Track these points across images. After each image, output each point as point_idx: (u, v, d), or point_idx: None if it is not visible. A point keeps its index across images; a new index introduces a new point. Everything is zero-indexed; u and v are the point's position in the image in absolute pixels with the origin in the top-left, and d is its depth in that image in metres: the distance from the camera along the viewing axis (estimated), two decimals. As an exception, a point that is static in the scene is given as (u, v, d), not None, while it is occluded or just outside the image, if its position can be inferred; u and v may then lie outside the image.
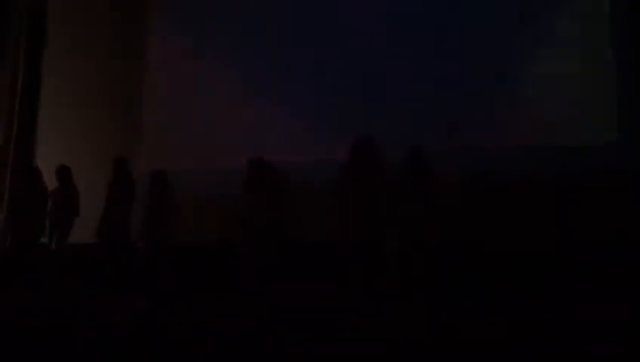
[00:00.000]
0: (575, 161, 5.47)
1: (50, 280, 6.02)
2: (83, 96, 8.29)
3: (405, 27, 6.57)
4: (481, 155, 5.80)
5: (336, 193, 5.14)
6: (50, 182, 6.55)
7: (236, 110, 7.25)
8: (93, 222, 6.10)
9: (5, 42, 8.73)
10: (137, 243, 6.02)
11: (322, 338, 3.16)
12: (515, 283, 4.95)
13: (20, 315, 4.82)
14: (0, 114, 8.61)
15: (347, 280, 4.93)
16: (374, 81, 6.57)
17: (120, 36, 8.36)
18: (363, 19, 6.80)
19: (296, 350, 2.83)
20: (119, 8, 8.44)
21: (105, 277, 5.83)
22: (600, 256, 4.92)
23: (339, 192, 5.10)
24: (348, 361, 2.64)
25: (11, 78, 8.57)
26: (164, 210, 5.97)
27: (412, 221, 4.91)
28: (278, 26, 7.29)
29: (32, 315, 4.71)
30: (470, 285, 4.85)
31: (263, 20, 7.38)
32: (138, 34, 8.36)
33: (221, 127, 7.31)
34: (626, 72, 5.42)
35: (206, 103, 7.54)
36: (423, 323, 3.76)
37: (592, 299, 4.39)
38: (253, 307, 4.74)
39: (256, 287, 5.16)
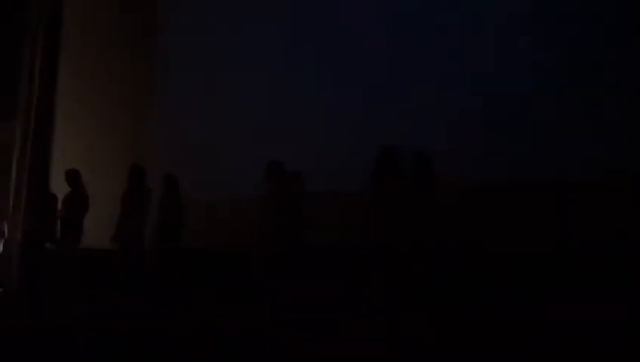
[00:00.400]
0: (576, 161, 5.46)
1: (59, 282, 6.04)
2: (98, 96, 8.33)
3: (406, 27, 6.57)
4: (481, 155, 5.79)
5: (360, 196, 5.16)
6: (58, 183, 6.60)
7: (246, 112, 7.24)
8: (106, 224, 6.11)
9: (22, 42, 8.82)
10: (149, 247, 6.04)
11: (322, 338, 3.16)
12: (515, 283, 4.95)
13: (27, 315, 4.84)
14: (16, 113, 8.70)
15: (368, 281, 4.96)
16: (375, 81, 6.56)
17: (134, 36, 8.37)
18: (364, 20, 6.79)
19: (296, 350, 2.83)
20: (133, 9, 8.46)
21: (115, 280, 5.85)
22: (600, 256, 4.91)
23: (369, 195, 5.10)
24: (348, 361, 2.64)
25: (29, 77, 8.65)
26: (176, 212, 5.97)
27: (412, 221, 4.91)
28: (286, 27, 7.28)
29: (38, 315, 4.73)
30: (470, 285, 4.84)
31: (271, 21, 7.37)
32: (151, 34, 8.36)
33: (231, 130, 7.30)
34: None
35: (217, 104, 7.52)
36: (424, 323, 3.77)
37: (592, 299, 4.39)
38: (258, 308, 4.75)
39: (265, 289, 5.17)
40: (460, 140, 5.88)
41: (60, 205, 6.46)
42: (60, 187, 6.59)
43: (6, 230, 8.11)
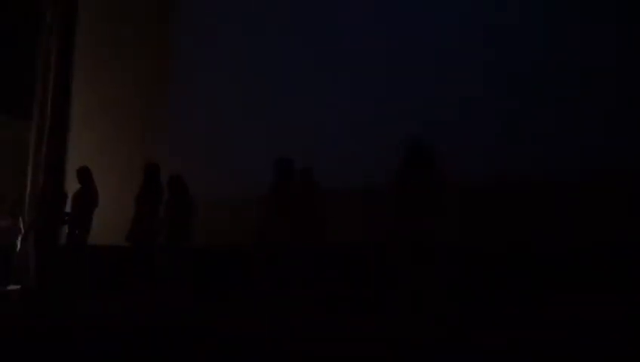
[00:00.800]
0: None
1: (67, 279, 6.07)
2: (111, 96, 8.37)
3: (408, 27, 6.57)
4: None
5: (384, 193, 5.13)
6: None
7: (249, 112, 7.27)
8: (119, 221, 6.14)
9: (37, 42, 8.89)
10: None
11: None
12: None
13: (38, 312, 4.86)
14: (32, 112, 8.76)
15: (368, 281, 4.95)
16: (376, 81, 6.57)
17: (148, 36, 8.40)
18: (366, 21, 6.80)
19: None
20: (146, 10, 8.49)
21: (124, 278, 5.88)
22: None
23: (395, 193, 5.05)
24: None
25: (43, 77, 8.72)
26: (181, 213, 5.98)
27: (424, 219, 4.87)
28: (289, 29, 7.29)
29: (47, 312, 4.76)
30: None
31: (277, 23, 7.39)
32: (165, 34, 8.40)
33: (234, 130, 7.32)
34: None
35: (228, 106, 7.54)
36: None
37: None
38: (258, 308, 4.75)
39: (265, 289, 5.18)
40: (461, 140, 5.88)
41: (69, 202, 6.51)
42: (73, 185, 6.64)
43: (22, 227, 8.20)
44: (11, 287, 7.82)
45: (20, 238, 8.21)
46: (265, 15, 7.50)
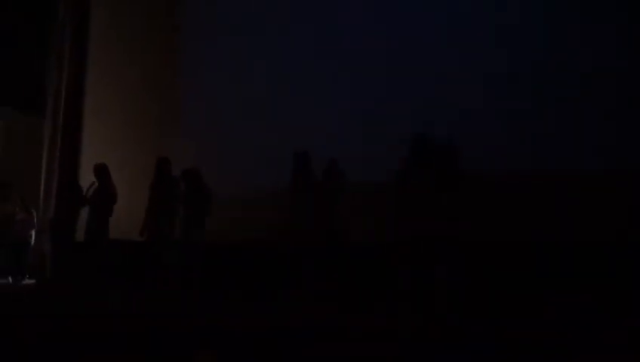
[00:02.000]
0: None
1: (85, 274, 6.07)
2: (125, 91, 8.37)
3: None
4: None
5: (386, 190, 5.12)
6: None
7: (257, 112, 7.27)
8: (131, 216, 6.14)
9: (51, 39, 8.92)
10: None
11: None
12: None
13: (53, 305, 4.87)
14: (46, 108, 8.78)
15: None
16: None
17: (157, 30, 8.39)
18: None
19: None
20: (156, 3, 8.49)
21: (138, 273, 5.88)
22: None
23: (396, 193, 5.04)
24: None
25: (57, 73, 8.73)
26: (198, 207, 5.98)
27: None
28: (298, 30, 7.29)
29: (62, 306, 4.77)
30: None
31: (291, 25, 7.38)
32: (174, 28, 8.39)
33: (241, 129, 7.32)
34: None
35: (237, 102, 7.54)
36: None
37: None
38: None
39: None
40: (461, 140, 5.87)
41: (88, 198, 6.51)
42: (87, 180, 6.65)
43: (36, 221, 8.21)
44: (26, 282, 7.84)
45: (34, 233, 8.23)
46: (265, 15, 7.49)
